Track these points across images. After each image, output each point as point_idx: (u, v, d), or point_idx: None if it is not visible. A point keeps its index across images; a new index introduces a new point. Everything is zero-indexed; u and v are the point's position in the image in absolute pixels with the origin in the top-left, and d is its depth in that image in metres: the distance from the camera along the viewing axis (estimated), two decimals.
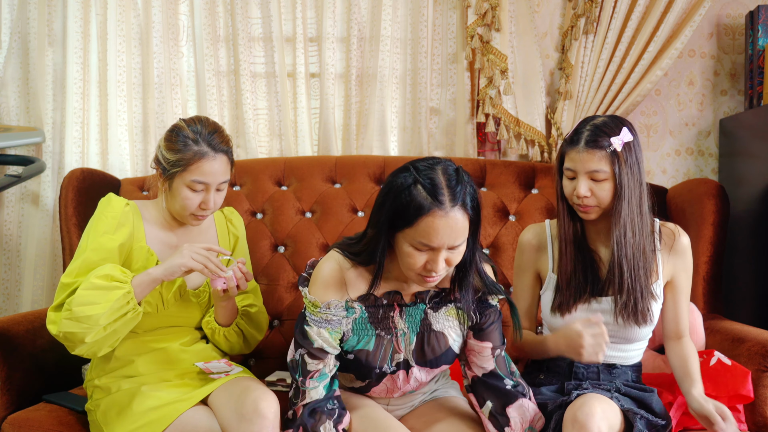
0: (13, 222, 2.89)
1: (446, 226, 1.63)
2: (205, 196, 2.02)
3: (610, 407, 1.74)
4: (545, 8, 2.93)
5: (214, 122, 2.08)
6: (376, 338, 1.81)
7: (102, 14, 2.85)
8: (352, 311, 1.79)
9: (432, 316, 1.84)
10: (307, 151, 2.91)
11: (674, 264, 2.01)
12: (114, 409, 1.93)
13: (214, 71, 2.89)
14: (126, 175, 2.87)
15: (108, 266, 1.91)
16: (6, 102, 2.89)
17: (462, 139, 2.89)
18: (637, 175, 1.90)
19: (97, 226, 2.00)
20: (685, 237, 2.02)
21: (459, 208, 1.64)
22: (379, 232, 1.71)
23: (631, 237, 1.90)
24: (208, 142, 2.01)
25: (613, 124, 1.90)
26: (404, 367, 1.84)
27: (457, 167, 1.71)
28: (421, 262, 1.67)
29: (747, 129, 2.71)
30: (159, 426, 1.83)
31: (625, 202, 1.88)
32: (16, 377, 2.11)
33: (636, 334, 1.97)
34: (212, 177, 2.00)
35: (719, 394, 1.97)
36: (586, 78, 2.81)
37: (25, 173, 2.59)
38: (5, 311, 2.90)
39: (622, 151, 1.87)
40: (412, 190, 1.65)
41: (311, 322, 1.77)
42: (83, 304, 1.84)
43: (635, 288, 1.92)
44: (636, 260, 1.91)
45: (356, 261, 1.78)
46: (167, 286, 2.03)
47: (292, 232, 2.63)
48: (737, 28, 2.94)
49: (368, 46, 2.89)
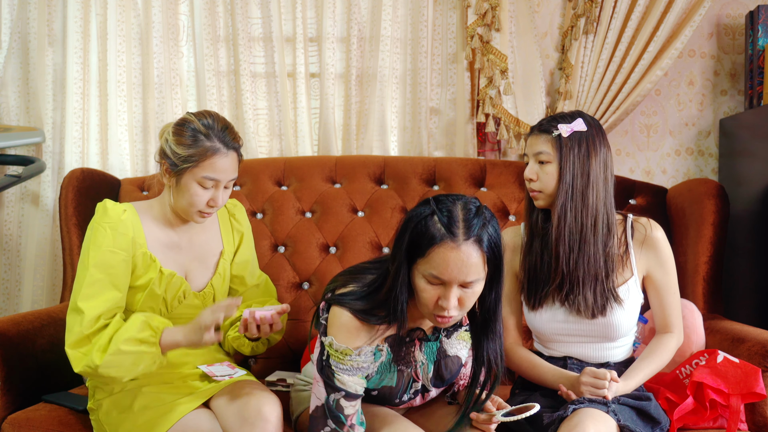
0: (13, 222, 2.89)
1: (457, 259, 1.59)
2: (214, 193, 1.98)
3: (605, 425, 1.73)
4: (545, 8, 2.93)
5: (224, 118, 2.03)
6: (398, 373, 1.80)
7: (102, 14, 2.85)
8: (380, 354, 1.76)
9: (446, 343, 1.85)
10: (307, 151, 2.91)
11: (647, 258, 2.02)
12: (116, 409, 1.93)
13: (214, 71, 2.89)
14: (126, 175, 2.87)
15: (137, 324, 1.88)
16: (6, 102, 2.89)
17: (462, 139, 2.89)
18: (584, 166, 1.93)
19: (96, 239, 1.94)
20: (658, 231, 2.03)
21: (473, 243, 1.60)
22: (399, 266, 1.66)
23: (572, 224, 1.92)
24: (221, 137, 1.96)
25: (570, 115, 1.98)
26: (422, 391, 1.86)
27: (482, 206, 1.66)
28: (433, 298, 1.63)
29: (747, 129, 2.71)
30: (161, 428, 1.82)
31: (563, 187, 1.92)
32: (16, 377, 2.11)
33: (611, 331, 1.97)
34: (224, 174, 1.96)
35: (732, 391, 1.95)
36: (586, 78, 2.81)
37: (25, 173, 2.59)
38: (5, 311, 2.90)
39: (569, 138, 1.93)
40: (428, 220, 1.62)
41: (340, 372, 1.71)
42: (110, 366, 1.85)
43: (576, 278, 1.93)
44: (576, 249, 1.92)
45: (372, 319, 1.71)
46: (170, 290, 2.00)
47: (292, 232, 2.63)
48: (737, 28, 2.94)
49: (368, 46, 2.89)
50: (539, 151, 1.96)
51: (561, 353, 2.03)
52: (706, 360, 2.04)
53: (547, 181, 1.96)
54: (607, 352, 2.01)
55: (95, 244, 1.93)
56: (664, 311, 2.03)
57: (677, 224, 2.55)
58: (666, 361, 2.01)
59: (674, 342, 2.03)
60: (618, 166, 2.96)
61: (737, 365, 2.00)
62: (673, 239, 2.53)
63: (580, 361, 2.01)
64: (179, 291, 2.02)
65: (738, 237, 2.66)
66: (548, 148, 1.95)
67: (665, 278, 2.02)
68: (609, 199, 1.96)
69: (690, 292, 2.45)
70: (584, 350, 2.01)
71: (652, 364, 1.97)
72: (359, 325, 1.71)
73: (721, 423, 1.99)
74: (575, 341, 2.01)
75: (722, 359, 2.02)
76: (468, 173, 2.70)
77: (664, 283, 2.03)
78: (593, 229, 1.94)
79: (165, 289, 1.99)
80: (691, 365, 2.06)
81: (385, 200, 2.66)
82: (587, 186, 1.93)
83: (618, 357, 2.03)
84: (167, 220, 2.06)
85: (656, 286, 2.03)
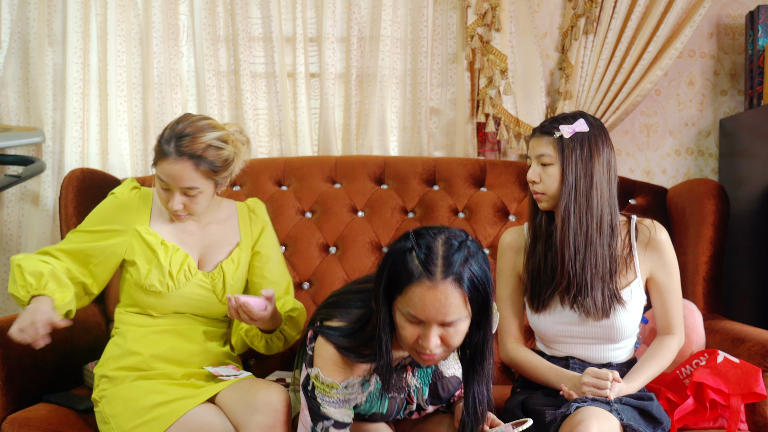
0: (13, 222, 2.89)
1: (434, 299, 1.49)
2: (169, 195, 2.03)
3: (609, 424, 1.72)
4: (545, 8, 2.93)
5: (200, 126, 2.01)
6: (389, 400, 1.76)
7: (102, 14, 2.85)
8: (368, 385, 1.71)
9: (442, 365, 1.82)
10: (307, 151, 2.91)
11: (651, 260, 2.01)
12: (119, 401, 1.94)
13: (214, 71, 2.89)
14: (126, 175, 2.87)
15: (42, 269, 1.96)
16: (6, 102, 2.89)
17: (462, 139, 2.89)
18: (587, 168, 1.92)
19: (93, 214, 2.12)
20: (662, 233, 2.02)
21: (452, 281, 1.50)
22: (379, 305, 1.58)
23: (576, 226, 1.91)
24: (176, 144, 1.98)
25: (572, 116, 1.97)
26: (417, 410, 1.86)
27: (467, 239, 1.56)
28: (413, 336, 1.55)
29: (747, 129, 2.71)
30: (166, 422, 1.83)
31: (566, 189, 1.91)
32: (16, 377, 2.11)
33: (614, 333, 1.97)
34: (171, 179, 1.99)
35: (733, 392, 1.95)
36: (586, 78, 2.81)
37: (25, 173, 2.59)
38: (5, 311, 2.90)
39: (571, 139, 1.92)
40: (406, 256, 1.53)
41: (326, 405, 1.67)
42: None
43: (581, 280, 1.92)
44: (581, 251, 1.91)
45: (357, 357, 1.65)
46: (174, 263, 2.05)
47: (292, 232, 2.63)
48: (737, 28, 2.94)
49: (368, 46, 2.89)
50: (541, 153, 1.96)
51: (563, 353, 2.03)
52: (706, 360, 2.04)
53: (550, 183, 1.95)
54: (610, 353, 2.01)
55: (90, 217, 2.12)
56: (666, 313, 2.03)
57: (677, 224, 2.55)
58: (668, 363, 2.01)
59: (676, 343, 2.02)
60: (618, 166, 2.95)
61: (737, 365, 2.00)
62: (673, 239, 2.52)
63: (582, 361, 2.01)
64: (183, 264, 2.05)
65: (738, 237, 2.66)
66: (550, 150, 1.94)
67: (668, 280, 2.02)
68: (613, 199, 1.96)
69: (690, 292, 2.45)
70: (587, 351, 2.01)
71: (654, 366, 1.97)
72: (346, 360, 1.66)
73: (721, 423, 1.99)
74: (578, 342, 2.01)
75: (722, 359, 2.02)
76: (468, 173, 2.70)
77: (668, 285, 2.02)
78: (598, 231, 1.93)
79: (169, 261, 2.04)
80: (691, 365, 2.06)
81: (385, 200, 2.66)
82: (591, 187, 1.92)
83: (620, 358, 2.02)
84: None
85: (659, 288, 2.02)
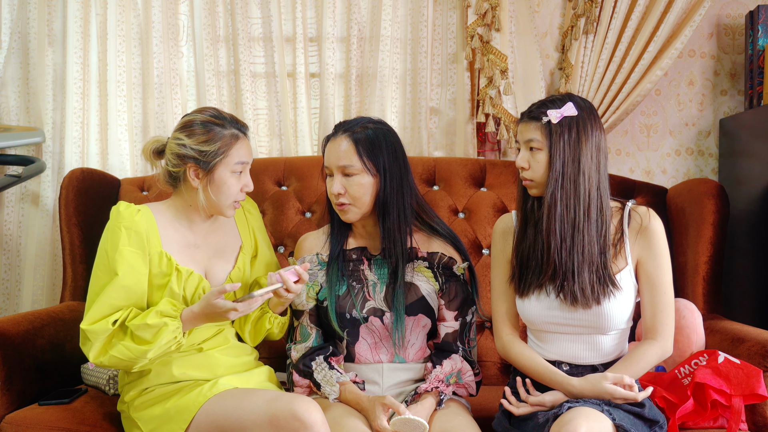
0: (13, 222, 2.89)
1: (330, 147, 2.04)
2: (244, 177, 2.03)
3: (599, 423, 1.71)
4: (545, 8, 2.93)
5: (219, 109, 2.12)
6: (347, 287, 2.05)
7: (102, 14, 2.85)
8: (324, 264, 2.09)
9: (401, 269, 2.03)
10: (307, 151, 2.91)
11: (641, 247, 1.95)
12: (148, 402, 1.96)
13: (214, 71, 2.90)
14: (126, 175, 2.87)
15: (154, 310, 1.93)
16: (6, 102, 2.89)
17: (462, 139, 2.89)
18: (575, 153, 1.88)
19: (113, 241, 1.95)
20: (655, 221, 1.96)
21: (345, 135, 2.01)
22: None
23: (563, 214, 1.87)
24: (234, 124, 2.03)
25: (560, 98, 1.93)
26: (378, 314, 2.02)
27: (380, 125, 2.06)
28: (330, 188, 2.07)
29: (747, 129, 2.71)
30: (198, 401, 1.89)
31: (553, 175, 1.88)
32: (16, 377, 2.11)
33: (603, 321, 1.91)
34: (250, 156, 2.05)
35: (735, 392, 1.94)
36: (586, 78, 2.81)
37: (25, 173, 2.59)
38: (5, 311, 2.90)
39: (559, 124, 1.88)
40: None
41: None
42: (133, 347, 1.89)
43: (569, 269, 1.88)
44: (568, 238, 1.88)
45: None
46: (188, 287, 2.00)
47: (292, 232, 2.63)
48: (737, 28, 2.94)
49: (368, 46, 2.89)
50: (529, 139, 1.92)
51: (553, 354, 1.97)
52: (706, 360, 2.04)
53: (539, 169, 1.91)
54: (597, 352, 1.95)
55: (112, 245, 1.94)
56: (652, 310, 1.94)
57: (677, 224, 2.55)
58: (641, 373, 1.92)
59: (654, 351, 1.91)
60: (618, 166, 2.97)
61: (738, 366, 1.99)
62: (673, 239, 2.53)
63: (571, 365, 1.96)
64: (198, 288, 2.01)
65: (738, 237, 2.66)
66: (538, 136, 1.90)
67: (656, 272, 1.94)
68: (603, 183, 1.91)
69: (690, 292, 2.45)
70: (574, 344, 1.95)
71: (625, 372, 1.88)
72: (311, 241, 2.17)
73: (721, 423, 1.99)
74: (566, 331, 1.95)
75: (723, 360, 2.01)
76: (468, 173, 2.70)
77: (655, 277, 1.94)
78: (586, 218, 1.89)
79: (183, 287, 1.99)
80: (690, 365, 2.06)
81: None
82: (578, 173, 1.88)
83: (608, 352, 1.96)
84: (187, 219, 2.06)
85: (647, 279, 1.94)
